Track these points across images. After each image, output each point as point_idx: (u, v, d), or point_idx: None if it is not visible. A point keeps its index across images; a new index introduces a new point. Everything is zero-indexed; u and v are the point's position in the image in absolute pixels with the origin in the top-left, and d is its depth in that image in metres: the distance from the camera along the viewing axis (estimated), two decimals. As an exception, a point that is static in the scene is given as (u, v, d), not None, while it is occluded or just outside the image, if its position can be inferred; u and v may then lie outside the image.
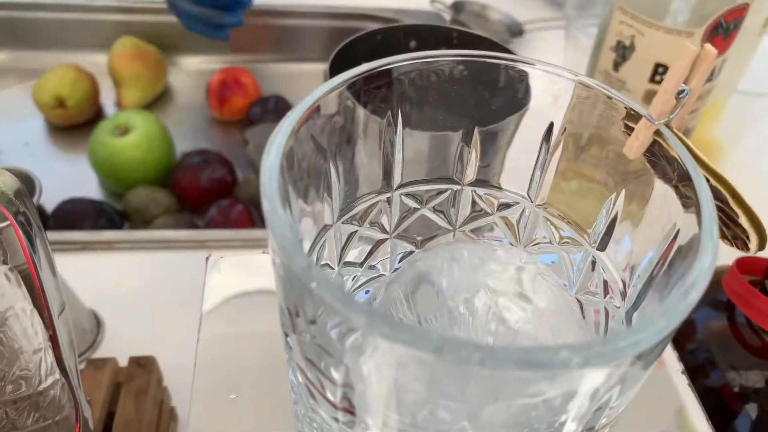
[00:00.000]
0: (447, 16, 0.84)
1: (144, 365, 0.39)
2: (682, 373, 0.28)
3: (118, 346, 0.47)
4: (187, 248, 0.54)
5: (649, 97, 0.48)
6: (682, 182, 0.17)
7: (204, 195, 0.63)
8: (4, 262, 0.25)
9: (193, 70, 0.80)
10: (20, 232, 0.21)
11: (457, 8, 0.85)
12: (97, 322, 0.48)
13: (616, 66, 0.48)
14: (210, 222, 0.59)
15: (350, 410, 0.15)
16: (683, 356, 0.38)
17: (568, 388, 0.13)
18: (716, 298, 0.39)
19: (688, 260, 0.16)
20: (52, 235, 0.52)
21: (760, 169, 0.66)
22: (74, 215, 0.58)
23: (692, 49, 0.16)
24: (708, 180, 0.17)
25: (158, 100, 0.76)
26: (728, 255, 0.37)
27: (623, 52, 0.47)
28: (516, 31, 0.84)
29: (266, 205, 0.16)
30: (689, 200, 0.17)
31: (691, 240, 0.16)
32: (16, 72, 0.78)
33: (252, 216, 0.60)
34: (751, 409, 0.36)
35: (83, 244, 0.53)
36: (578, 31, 0.67)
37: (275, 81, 0.77)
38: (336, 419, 0.16)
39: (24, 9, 0.78)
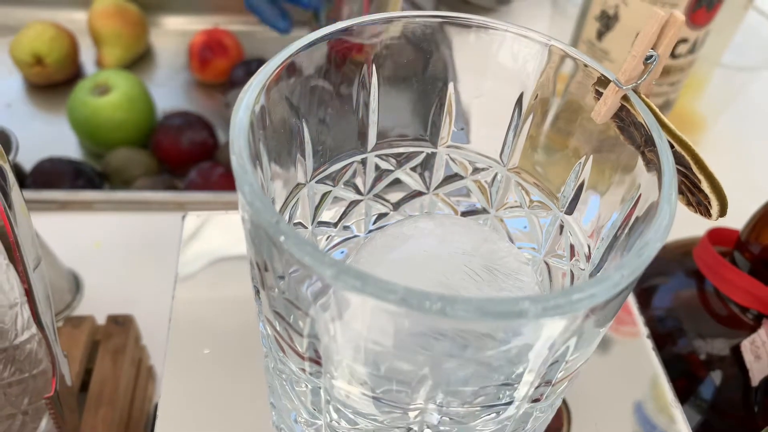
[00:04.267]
0: (435, -19, 0.83)
1: (122, 324, 0.39)
2: (648, 337, 0.29)
3: (97, 307, 0.47)
4: (167, 210, 0.54)
5: (630, 68, 0.48)
6: (648, 147, 0.18)
7: (185, 157, 0.62)
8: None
9: (175, 30, 0.78)
10: (-8, 185, 0.21)
11: (444, -26, 0.84)
12: (76, 282, 0.48)
13: (600, 35, 0.48)
14: (190, 184, 0.59)
15: (316, 361, 0.16)
16: (652, 324, 0.39)
17: (526, 339, 0.13)
18: (687, 268, 0.40)
19: (647, 222, 0.16)
20: (30, 194, 0.52)
21: (740, 141, 0.67)
22: (53, 174, 0.58)
23: (660, 15, 0.16)
24: (672, 146, 0.17)
25: (139, 60, 0.75)
26: (701, 226, 0.38)
27: (607, 21, 0.47)
28: (503, -2, 0.83)
29: (235, 162, 0.16)
30: (653, 165, 0.17)
31: (652, 203, 0.16)
32: (-7, 28, 0.76)
33: (233, 179, 0.60)
34: (716, 376, 0.37)
35: (62, 204, 0.53)
36: (565, 0, 0.67)
37: (258, 44, 0.76)
38: (303, 370, 0.16)
39: (0, -38, 0.76)
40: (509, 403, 0.16)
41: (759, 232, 0.34)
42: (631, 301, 0.32)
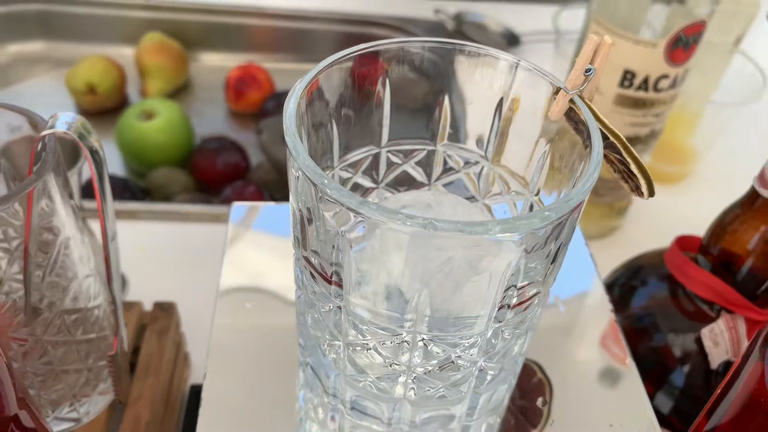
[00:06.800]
0: (450, 25, 0.90)
1: (166, 309, 0.45)
2: (619, 328, 0.34)
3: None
4: (203, 221, 0.60)
5: (619, 100, 0.54)
6: (589, 140, 0.24)
7: (220, 177, 0.69)
8: (71, 197, 0.32)
9: (212, 66, 0.87)
10: (93, 166, 0.28)
11: (459, 19, 0.91)
12: (122, 281, 0.54)
13: (590, 72, 0.54)
14: (225, 200, 0.66)
15: (339, 284, 0.22)
16: (631, 321, 0.45)
17: (491, 256, 0.19)
18: (661, 273, 0.45)
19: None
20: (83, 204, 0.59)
21: (728, 170, 0.73)
22: (103, 188, 0.65)
23: (594, 39, 0.22)
24: (607, 137, 0.23)
25: (180, 92, 0.83)
26: (670, 236, 0.44)
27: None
28: (513, 41, 0.90)
29: (289, 141, 0.22)
30: (591, 151, 0.23)
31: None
32: (51, 61, 0.85)
33: (264, 197, 0.67)
34: (685, 366, 0.42)
35: (111, 213, 0.59)
36: (566, 44, 0.74)
37: (288, 78, 0.83)
38: (329, 293, 0.22)
39: (60, 3, 0.85)
40: (477, 317, 0.21)
41: (717, 237, 0.39)
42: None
